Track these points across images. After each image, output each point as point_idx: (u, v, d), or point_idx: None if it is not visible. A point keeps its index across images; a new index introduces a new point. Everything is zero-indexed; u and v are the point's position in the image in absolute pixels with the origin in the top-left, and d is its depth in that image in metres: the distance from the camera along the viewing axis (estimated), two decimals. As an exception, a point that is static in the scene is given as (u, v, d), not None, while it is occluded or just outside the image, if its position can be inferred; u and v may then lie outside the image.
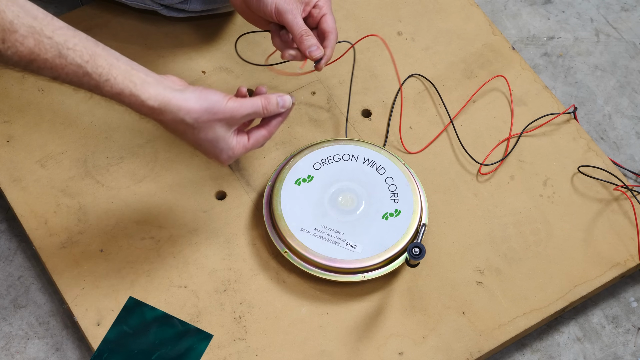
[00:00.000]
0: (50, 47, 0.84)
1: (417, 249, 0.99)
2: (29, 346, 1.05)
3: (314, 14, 1.03)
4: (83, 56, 0.86)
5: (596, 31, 1.34)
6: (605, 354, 1.09)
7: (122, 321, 1.02)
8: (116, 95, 0.88)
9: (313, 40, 1.00)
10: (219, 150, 0.95)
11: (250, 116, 0.95)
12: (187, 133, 0.93)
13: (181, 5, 1.16)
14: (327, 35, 1.02)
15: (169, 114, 0.90)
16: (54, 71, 0.85)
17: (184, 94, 0.91)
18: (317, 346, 1.02)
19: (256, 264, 1.06)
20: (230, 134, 0.95)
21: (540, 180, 1.14)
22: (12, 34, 0.82)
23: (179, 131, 0.93)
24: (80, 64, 0.86)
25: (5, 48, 0.82)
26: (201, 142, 0.94)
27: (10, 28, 0.81)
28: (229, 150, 0.95)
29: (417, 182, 1.10)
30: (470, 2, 1.27)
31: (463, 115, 1.18)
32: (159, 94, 0.89)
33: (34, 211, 1.07)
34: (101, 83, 0.87)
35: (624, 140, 1.24)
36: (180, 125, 0.92)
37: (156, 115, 0.90)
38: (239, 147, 0.96)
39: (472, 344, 1.03)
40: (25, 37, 0.82)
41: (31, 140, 1.12)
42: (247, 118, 0.95)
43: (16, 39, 0.82)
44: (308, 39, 1.00)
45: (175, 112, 0.90)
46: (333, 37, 1.02)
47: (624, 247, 1.10)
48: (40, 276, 1.09)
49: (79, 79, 0.87)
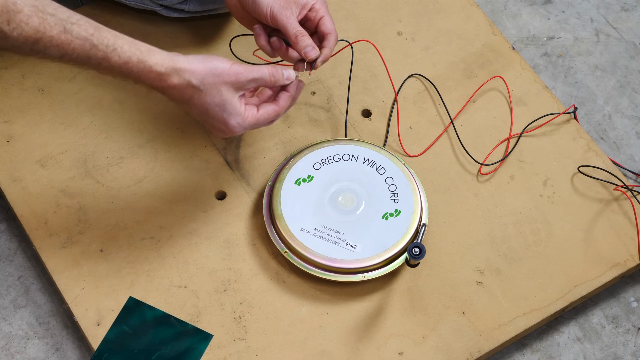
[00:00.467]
0: (54, 23, 0.85)
1: (417, 249, 0.99)
2: (29, 346, 1.05)
3: (311, 17, 1.03)
4: (88, 29, 0.87)
5: (596, 31, 1.34)
6: (605, 354, 1.09)
7: (122, 321, 1.02)
8: (124, 64, 0.89)
9: (308, 41, 1.00)
10: (227, 114, 0.95)
11: (257, 82, 0.96)
12: (194, 98, 0.93)
13: (180, 6, 1.16)
14: (327, 37, 1.02)
15: (176, 77, 0.91)
16: (60, 48, 0.86)
17: (188, 57, 0.93)
18: (317, 346, 1.02)
19: (256, 264, 1.06)
20: (237, 99, 0.95)
21: (540, 180, 1.14)
22: (17, 14, 0.82)
23: (186, 97, 0.93)
24: (85, 37, 0.87)
25: (11, 30, 0.82)
26: (208, 106, 0.94)
27: (14, 8, 0.82)
28: (238, 116, 0.95)
29: (417, 182, 1.10)
30: (470, 2, 1.27)
31: (463, 115, 1.18)
32: (165, 58, 0.91)
33: (34, 211, 1.07)
34: (109, 53, 0.88)
35: (624, 140, 1.24)
36: (187, 90, 0.93)
37: (163, 81, 0.92)
38: (249, 115, 0.96)
39: (472, 344, 1.03)
40: (29, 16, 0.83)
41: (31, 140, 1.12)
42: (253, 84, 0.95)
43: (21, 19, 0.83)
44: (303, 39, 1.00)
45: (181, 75, 0.92)
46: (332, 38, 1.02)
47: (624, 247, 1.10)
48: (40, 276, 1.09)
49: (86, 53, 0.87)
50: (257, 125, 0.98)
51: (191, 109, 0.96)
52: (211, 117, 0.96)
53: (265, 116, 0.98)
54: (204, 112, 0.95)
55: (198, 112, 0.96)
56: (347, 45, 1.13)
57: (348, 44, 1.12)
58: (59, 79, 1.17)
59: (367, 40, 1.17)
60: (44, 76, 1.17)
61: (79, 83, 1.16)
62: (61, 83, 1.16)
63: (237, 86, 0.95)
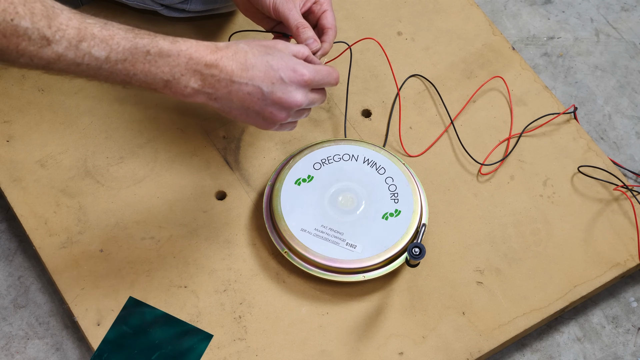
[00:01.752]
0: (94, 22, 0.83)
1: (417, 249, 0.99)
2: (29, 346, 1.05)
3: (314, 10, 1.03)
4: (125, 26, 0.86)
5: (596, 31, 1.34)
6: (605, 354, 1.09)
7: (122, 321, 1.02)
8: (172, 45, 0.86)
9: (310, 33, 0.99)
10: (290, 60, 0.91)
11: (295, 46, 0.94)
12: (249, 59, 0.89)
13: (181, 5, 1.16)
14: (326, 31, 1.02)
15: (224, 46, 0.88)
16: (105, 45, 0.83)
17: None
18: (317, 346, 1.02)
19: (256, 264, 1.06)
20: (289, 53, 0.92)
21: (540, 180, 1.14)
22: (57, 17, 0.81)
23: (241, 60, 0.89)
24: (126, 28, 0.85)
25: (52, 33, 0.80)
26: (269, 58, 0.89)
27: (53, 13, 0.81)
28: (300, 61, 0.91)
29: (417, 182, 1.10)
30: (470, 2, 1.27)
31: (463, 116, 1.18)
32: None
33: (34, 211, 1.07)
34: (153, 38, 0.86)
35: (624, 140, 1.24)
36: (240, 53, 0.89)
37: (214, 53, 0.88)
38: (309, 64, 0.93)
39: (472, 344, 1.03)
40: (69, 18, 0.82)
41: (31, 140, 1.12)
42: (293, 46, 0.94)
43: (61, 21, 0.81)
44: (305, 31, 0.99)
45: (227, 44, 0.89)
46: (332, 32, 1.02)
47: (624, 247, 1.10)
48: (40, 276, 1.09)
49: (131, 42, 0.84)
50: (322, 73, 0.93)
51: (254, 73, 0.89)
52: (277, 69, 0.90)
53: (324, 67, 0.94)
54: (267, 67, 0.90)
55: (261, 74, 0.89)
56: (346, 49, 1.13)
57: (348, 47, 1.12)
58: (59, 79, 1.16)
59: (371, 38, 1.17)
60: (44, 76, 1.17)
61: (79, 83, 1.16)
62: (61, 83, 1.16)
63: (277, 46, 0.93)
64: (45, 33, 0.80)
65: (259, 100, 0.90)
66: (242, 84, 0.89)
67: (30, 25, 0.79)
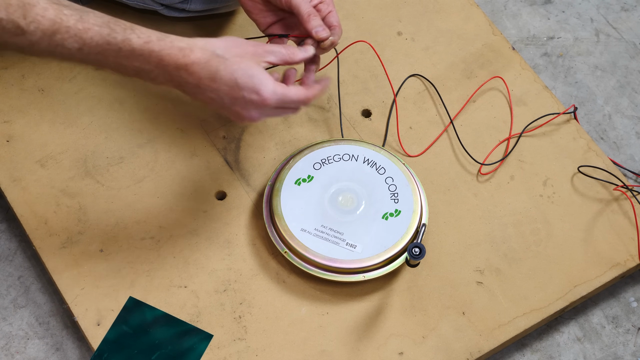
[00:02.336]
0: (70, 14, 0.85)
1: (417, 249, 0.99)
2: (29, 346, 1.05)
3: (321, 9, 1.03)
4: (103, 17, 0.87)
5: (596, 31, 1.34)
6: (605, 354, 1.09)
7: (122, 321, 1.02)
8: (145, 44, 0.88)
9: (319, 21, 1.00)
10: (259, 81, 0.91)
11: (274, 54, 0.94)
12: (220, 70, 0.90)
13: (182, 5, 1.16)
14: (334, 29, 1.02)
15: (199, 50, 0.89)
16: (78, 38, 0.85)
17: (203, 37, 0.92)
18: (317, 346, 1.02)
19: (256, 264, 1.06)
20: (262, 69, 0.92)
21: (540, 180, 1.14)
22: (33, 7, 0.83)
23: (212, 71, 0.90)
24: (102, 22, 0.87)
25: (27, 24, 0.83)
26: (237, 76, 0.90)
27: (29, 2, 0.83)
28: (269, 83, 0.91)
29: (417, 182, 1.10)
30: (470, 2, 1.27)
31: (463, 115, 1.18)
32: (184, 38, 0.90)
33: (34, 211, 1.07)
34: (127, 35, 0.87)
35: (624, 140, 1.24)
36: (212, 61, 0.90)
37: (187, 57, 0.89)
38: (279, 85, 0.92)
39: (472, 344, 1.03)
40: (45, 9, 0.83)
41: (31, 140, 1.12)
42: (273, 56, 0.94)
43: (37, 12, 0.83)
44: (315, 19, 0.99)
45: (204, 47, 0.90)
46: (339, 30, 1.02)
47: (624, 247, 1.10)
48: (40, 276, 1.09)
49: (104, 39, 0.87)
50: (287, 99, 0.93)
51: (219, 86, 0.91)
52: (242, 88, 0.91)
53: (296, 92, 0.94)
54: (233, 84, 0.91)
55: (227, 88, 0.91)
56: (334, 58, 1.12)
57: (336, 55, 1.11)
58: (59, 79, 1.17)
59: (364, 41, 1.17)
60: (44, 76, 1.17)
61: (79, 83, 1.16)
62: (61, 83, 1.16)
63: (257, 55, 0.92)
64: (20, 23, 0.83)
65: (220, 106, 0.93)
66: (207, 90, 0.91)
67: (5, 16, 0.82)
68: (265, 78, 0.91)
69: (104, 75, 1.17)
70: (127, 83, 1.17)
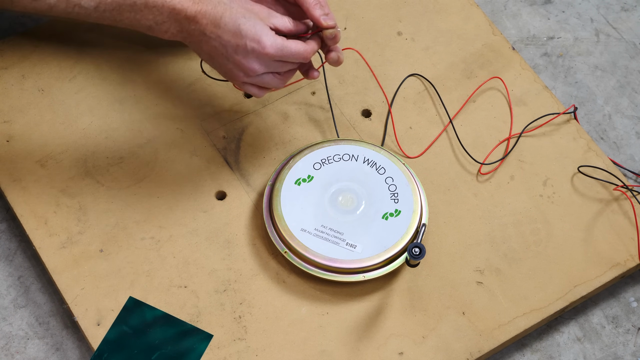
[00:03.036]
0: None
1: (417, 249, 0.99)
2: (29, 346, 1.05)
3: None
4: None
5: (596, 31, 1.34)
6: (605, 354, 1.09)
7: (122, 321, 1.02)
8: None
9: (326, 10, 1.00)
10: (260, 30, 0.95)
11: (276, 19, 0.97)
12: (225, 15, 0.94)
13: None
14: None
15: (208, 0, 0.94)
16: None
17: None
18: (317, 346, 1.02)
19: (256, 264, 1.06)
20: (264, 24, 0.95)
21: (540, 180, 1.14)
22: None
23: (218, 16, 0.94)
24: None
25: None
26: (240, 22, 0.94)
27: None
28: (270, 34, 0.95)
29: (417, 182, 1.10)
30: (470, 2, 1.27)
31: (463, 115, 1.18)
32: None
33: (34, 211, 1.07)
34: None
35: (624, 140, 1.24)
36: (219, 7, 0.94)
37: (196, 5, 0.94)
38: (279, 38, 0.95)
39: (472, 344, 1.03)
40: None
41: (31, 140, 1.12)
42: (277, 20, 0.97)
43: None
44: (319, 5, 1.00)
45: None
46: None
47: (624, 247, 1.10)
48: (40, 276, 1.09)
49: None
50: (287, 51, 0.96)
51: (222, 33, 0.95)
52: (243, 36, 0.95)
53: (296, 45, 0.97)
54: (236, 30, 0.94)
55: (230, 35, 0.95)
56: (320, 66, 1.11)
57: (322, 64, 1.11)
58: (59, 79, 1.17)
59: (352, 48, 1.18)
60: (44, 76, 1.17)
61: (79, 83, 1.16)
62: (61, 83, 1.16)
63: (261, 15, 0.96)
64: None
65: (222, 55, 0.97)
66: (211, 38, 0.96)
67: None
68: (267, 29, 0.95)
69: (104, 75, 1.17)
70: (127, 83, 1.17)
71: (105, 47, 1.19)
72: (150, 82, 1.17)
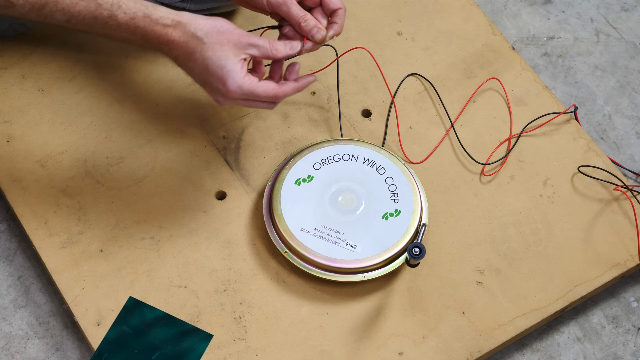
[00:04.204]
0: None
1: (417, 249, 0.99)
2: (29, 346, 1.05)
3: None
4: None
5: (596, 31, 1.34)
6: (605, 354, 1.09)
7: (122, 321, 1.02)
8: (130, 20, 0.91)
9: (312, 23, 0.99)
10: (227, 73, 0.94)
11: (257, 48, 0.96)
12: (196, 52, 0.94)
13: (182, 5, 1.16)
14: (336, 12, 1.01)
15: (181, 29, 0.93)
16: (66, 12, 0.88)
17: (193, 14, 0.95)
18: (317, 346, 1.02)
19: (256, 264, 1.06)
20: (239, 61, 0.95)
21: (540, 180, 1.14)
22: None
23: (189, 51, 0.94)
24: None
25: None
26: (209, 62, 0.94)
27: None
28: (237, 77, 0.94)
29: (417, 182, 1.10)
30: (470, 2, 1.27)
31: (463, 116, 1.18)
32: (171, 13, 0.94)
33: (34, 211, 1.07)
34: (114, 11, 0.90)
35: (624, 140, 1.24)
36: (190, 42, 0.94)
37: (168, 35, 0.93)
38: (247, 81, 0.95)
39: (472, 344, 1.03)
40: None
41: (31, 140, 1.12)
42: (254, 49, 0.96)
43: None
44: (307, 24, 0.99)
45: (186, 28, 0.93)
46: (342, 12, 1.01)
47: (624, 247, 1.10)
48: (40, 276, 1.09)
49: (92, 13, 0.90)
50: (254, 95, 0.96)
51: (193, 66, 0.95)
52: (211, 75, 0.95)
53: (264, 89, 0.96)
54: (204, 68, 0.95)
55: (199, 70, 0.95)
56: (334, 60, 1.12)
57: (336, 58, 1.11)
58: (59, 79, 1.17)
59: (362, 48, 1.18)
60: (44, 76, 1.17)
61: (79, 83, 1.16)
62: (61, 83, 1.16)
63: (238, 46, 0.95)
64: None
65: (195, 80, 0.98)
66: (183, 65, 0.97)
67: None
68: (236, 71, 0.94)
69: (104, 75, 1.17)
70: (127, 83, 1.17)
71: (105, 47, 1.19)
72: (150, 82, 1.17)
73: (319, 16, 1.02)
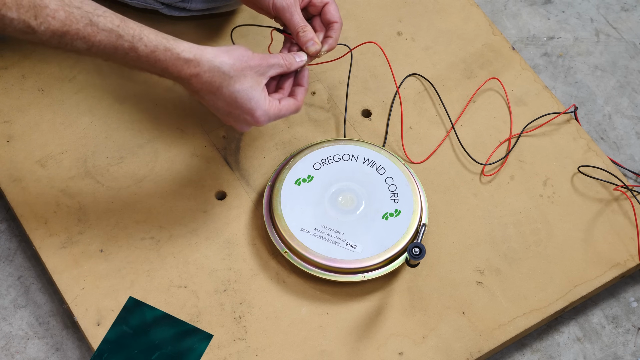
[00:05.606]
0: (80, 16, 0.86)
1: (417, 249, 0.99)
2: (29, 346, 1.05)
3: (315, 3, 1.04)
4: (114, 21, 0.89)
5: (596, 31, 1.34)
6: (605, 354, 1.09)
7: (122, 321, 1.02)
8: (151, 53, 0.90)
9: (310, 35, 1.02)
10: (255, 103, 0.96)
11: (275, 68, 0.98)
12: (222, 87, 0.94)
13: (182, 4, 1.16)
14: (332, 26, 1.04)
15: (206, 64, 0.93)
16: (87, 41, 0.87)
17: (213, 47, 0.94)
18: (317, 346, 1.02)
19: (256, 264, 1.06)
20: (262, 87, 0.96)
21: (540, 180, 1.14)
22: (43, 9, 0.84)
23: (215, 86, 0.94)
24: (111, 28, 0.88)
25: (38, 24, 0.84)
26: (237, 95, 0.95)
27: (41, 3, 0.84)
28: (264, 106, 0.96)
29: (417, 182, 1.10)
30: (470, 2, 1.27)
31: (463, 116, 1.18)
32: (192, 47, 0.93)
33: (34, 211, 1.07)
34: (135, 43, 0.89)
35: (624, 140, 1.24)
36: (216, 77, 0.94)
37: (192, 68, 0.93)
38: (272, 106, 0.97)
39: (472, 344, 1.03)
40: (56, 10, 0.85)
41: (31, 140, 1.12)
42: (273, 70, 0.97)
43: (47, 13, 0.84)
44: (304, 34, 1.02)
45: (211, 61, 0.93)
46: (337, 26, 1.05)
47: (624, 247, 1.10)
48: (40, 276, 1.09)
49: (112, 44, 0.89)
50: (279, 116, 0.99)
51: (217, 100, 0.96)
52: (239, 107, 0.96)
53: (287, 108, 0.99)
54: (231, 102, 0.95)
55: (224, 104, 0.96)
56: (347, 52, 1.13)
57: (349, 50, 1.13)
58: (59, 79, 1.17)
59: (373, 42, 1.17)
60: (44, 76, 1.17)
61: (79, 83, 1.16)
62: (61, 83, 1.16)
63: (259, 72, 0.96)
64: (31, 24, 0.84)
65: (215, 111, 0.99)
66: (204, 99, 0.96)
67: (17, 16, 0.83)
68: (262, 100, 0.96)
69: (104, 76, 1.17)
70: (127, 83, 1.17)
71: (105, 47, 1.19)
72: (150, 82, 1.17)
73: (318, 25, 1.05)
